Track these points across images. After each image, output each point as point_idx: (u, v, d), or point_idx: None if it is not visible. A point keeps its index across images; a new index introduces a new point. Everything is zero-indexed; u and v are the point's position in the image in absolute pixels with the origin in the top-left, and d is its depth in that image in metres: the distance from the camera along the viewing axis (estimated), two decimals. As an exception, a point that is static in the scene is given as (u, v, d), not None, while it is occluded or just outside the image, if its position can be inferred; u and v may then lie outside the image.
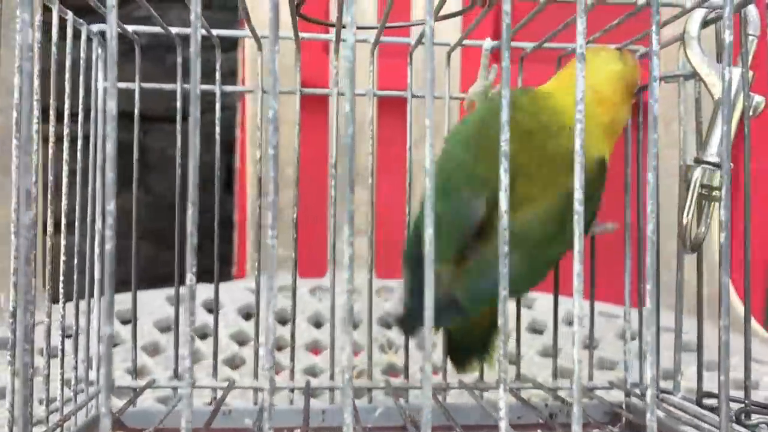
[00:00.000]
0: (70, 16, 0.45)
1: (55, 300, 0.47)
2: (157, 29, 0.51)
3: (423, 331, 0.43)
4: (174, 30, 0.53)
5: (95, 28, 0.50)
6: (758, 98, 0.42)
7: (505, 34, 0.26)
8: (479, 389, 0.56)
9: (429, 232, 0.26)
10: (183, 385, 0.24)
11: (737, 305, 0.76)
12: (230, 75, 1.06)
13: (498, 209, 0.41)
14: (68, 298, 0.47)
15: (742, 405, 0.42)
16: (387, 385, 0.56)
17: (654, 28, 0.27)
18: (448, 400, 0.57)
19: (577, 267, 0.26)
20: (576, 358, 0.25)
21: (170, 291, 0.92)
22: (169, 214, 0.52)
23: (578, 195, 0.26)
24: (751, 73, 0.42)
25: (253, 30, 0.51)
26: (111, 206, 0.26)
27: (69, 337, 0.49)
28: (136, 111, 0.54)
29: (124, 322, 0.88)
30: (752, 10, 0.43)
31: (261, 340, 0.78)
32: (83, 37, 0.49)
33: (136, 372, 0.57)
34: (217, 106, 0.56)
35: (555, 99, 0.46)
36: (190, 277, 0.26)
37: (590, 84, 0.44)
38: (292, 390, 0.58)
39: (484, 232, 0.44)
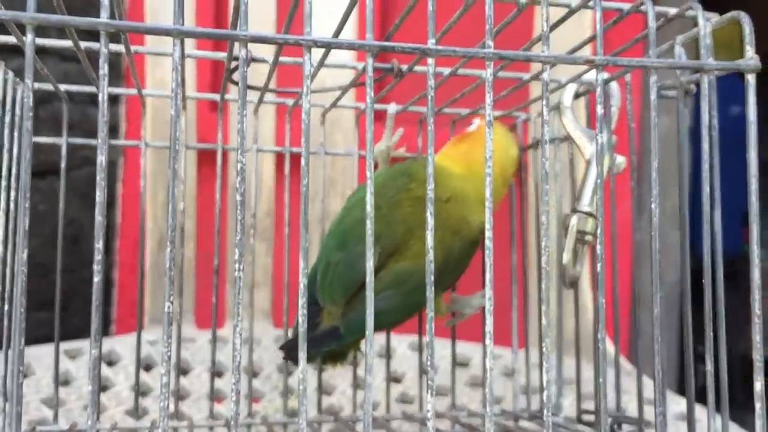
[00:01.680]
0: (10, 76, 0.49)
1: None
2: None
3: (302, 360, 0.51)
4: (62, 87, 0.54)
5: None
6: (620, 158, 0.51)
7: (431, 104, 0.32)
8: (387, 419, 0.61)
9: (369, 265, 0.32)
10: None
11: (608, 345, 0.86)
12: (111, 131, 1.08)
13: (388, 260, 0.49)
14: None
15: (614, 417, 0.49)
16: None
17: (544, 102, 0.34)
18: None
19: (488, 292, 0.32)
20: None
21: (68, 345, 0.92)
22: (39, 272, 0.53)
23: (488, 233, 0.32)
24: (614, 137, 0.51)
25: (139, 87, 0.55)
26: (100, 245, 0.30)
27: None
28: (63, 164, 0.56)
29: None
30: (614, 86, 0.52)
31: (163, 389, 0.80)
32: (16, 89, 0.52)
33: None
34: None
35: (445, 172, 0.53)
36: (167, 305, 0.30)
37: (479, 165, 0.51)
38: (210, 429, 0.61)
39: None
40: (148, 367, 0.92)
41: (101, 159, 0.29)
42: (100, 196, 0.29)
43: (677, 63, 0.35)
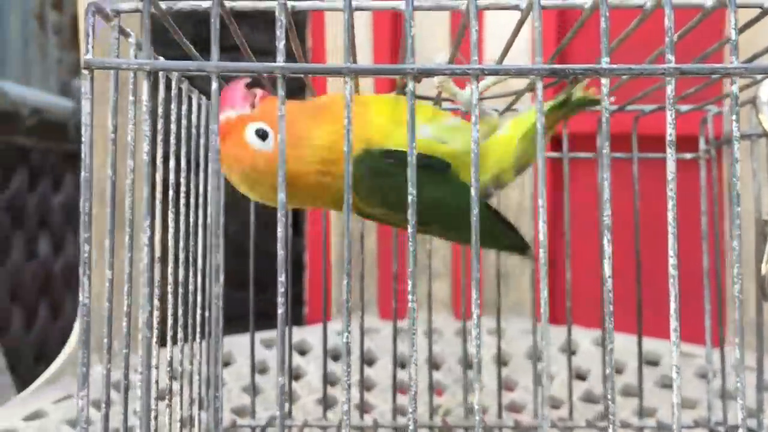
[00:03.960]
0: (195, 94, 0.52)
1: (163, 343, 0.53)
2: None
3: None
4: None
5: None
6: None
7: (605, 126, 0.31)
8: (569, 428, 0.60)
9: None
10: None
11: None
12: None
13: None
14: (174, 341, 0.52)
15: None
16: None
17: (733, 117, 0.31)
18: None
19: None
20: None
21: (265, 334, 0.97)
22: (242, 253, 0.58)
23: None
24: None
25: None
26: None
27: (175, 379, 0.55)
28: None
29: (224, 365, 0.94)
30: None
31: (352, 379, 0.83)
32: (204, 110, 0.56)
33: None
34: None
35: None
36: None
37: None
38: (395, 429, 0.63)
39: None
40: (336, 357, 0.96)
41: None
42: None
43: None
